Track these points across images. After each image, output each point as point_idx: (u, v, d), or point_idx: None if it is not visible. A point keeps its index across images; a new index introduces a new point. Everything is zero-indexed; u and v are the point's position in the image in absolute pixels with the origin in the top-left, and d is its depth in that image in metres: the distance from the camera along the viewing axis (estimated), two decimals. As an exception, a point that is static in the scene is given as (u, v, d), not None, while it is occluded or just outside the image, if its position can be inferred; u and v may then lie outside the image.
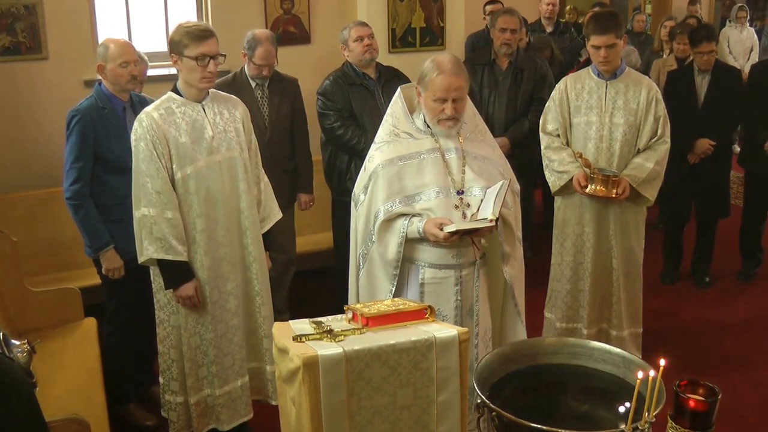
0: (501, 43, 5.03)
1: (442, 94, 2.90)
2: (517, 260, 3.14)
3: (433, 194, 2.94)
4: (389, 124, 3.09)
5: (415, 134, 3.03)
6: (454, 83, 2.90)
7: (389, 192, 2.94)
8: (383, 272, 3.02)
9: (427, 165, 2.97)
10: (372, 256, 3.04)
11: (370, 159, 3.06)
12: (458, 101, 2.94)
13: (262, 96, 4.49)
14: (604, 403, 2.36)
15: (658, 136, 3.97)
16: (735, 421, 3.78)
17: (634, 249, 4.12)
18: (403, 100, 3.10)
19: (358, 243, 3.11)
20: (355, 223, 3.13)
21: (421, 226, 2.88)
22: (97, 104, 3.63)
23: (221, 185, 3.26)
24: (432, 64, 2.95)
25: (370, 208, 3.00)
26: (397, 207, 2.93)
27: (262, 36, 4.39)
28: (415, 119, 3.07)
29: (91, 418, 2.80)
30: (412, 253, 2.99)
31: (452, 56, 3.00)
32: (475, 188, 2.97)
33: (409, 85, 3.19)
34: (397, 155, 2.98)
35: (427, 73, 2.95)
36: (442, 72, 2.90)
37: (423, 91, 2.98)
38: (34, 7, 4.78)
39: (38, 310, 3.96)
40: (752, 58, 8.98)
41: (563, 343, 2.54)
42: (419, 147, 3.00)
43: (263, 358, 3.50)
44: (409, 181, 2.95)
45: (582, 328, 4.18)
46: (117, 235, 3.61)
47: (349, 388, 2.06)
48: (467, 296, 3.04)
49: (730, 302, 5.29)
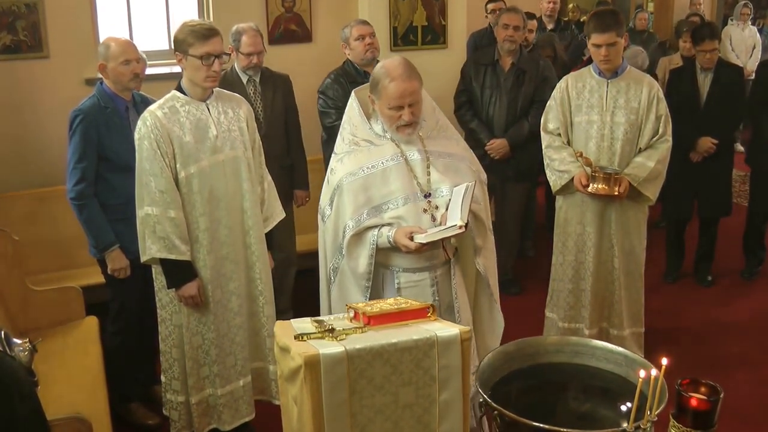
0: (504, 39, 5.04)
1: (397, 101, 2.81)
2: (489, 250, 3.09)
3: (400, 201, 2.87)
4: (347, 132, 3.00)
5: (375, 141, 2.95)
6: (408, 88, 2.80)
7: (356, 205, 2.87)
8: (355, 285, 2.95)
9: (391, 172, 2.88)
10: (343, 269, 2.97)
11: (332, 171, 2.97)
12: (414, 105, 2.84)
13: (254, 92, 4.49)
14: (606, 402, 2.37)
15: (660, 134, 3.96)
16: (737, 419, 3.78)
17: (635, 248, 4.12)
18: (358, 105, 3.01)
19: (327, 257, 3.04)
20: (323, 238, 3.05)
21: (392, 236, 2.82)
22: (100, 103, 3.63)
23: (225, 184, 3.25)
24: (382, 70, 2.85)
25: (337, 222, 2.93)
26: (365, 219, 2.86)
27: (245, 26, 4.43)
28: (373, 125, 2.98)
29: (92, 416, 2.81)
30: (385, 260, 2.94)
31: (402, 59, 2.88)
32: (442, 188, 2.91)
33: (363, 87, 3.08)
34: (359, 166, 2.90)
35: (378, 80, 2.84)
36: (394, 78, 2.79)
37: (377, 100, 2.88)
38: (35, 6, 4.77)
39: (40, 309, 3.97)
40: (754, 56, 8.98)
41: (565, 342, 2.55)
42: (381, 154, 2.91)
43: (266, 358, 3.49)
44: (375, 191, 2.87)
45: (584, 328, 4.17)
46: (122, 234, 3.61)
47: (351, 387, 2.06)
48: (444, 294, 3.01)
49: (732, 301, 5.29)
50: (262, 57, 4.47)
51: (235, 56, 4.46)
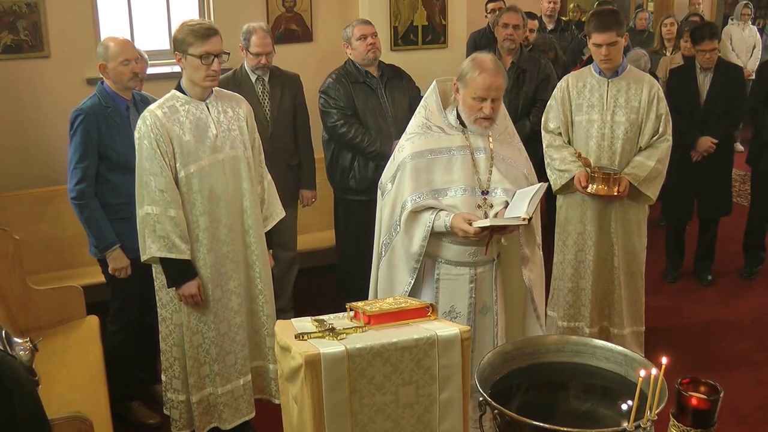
0: (504, 39, 5.05)
1: (483, 93, 2.93)
2: (536, 264, 3.16)
3: (459, 191, 2.97)
4: (422, 116, 3.11)
5: (447, 129, 3.06)
6: (495, 83, 2.93)
7: (417, 183, 2.97)
8: (405, 264, 3.04)
9: (456, 162, 3.00)
10: (394, 246, 3.06)
11: (399, 149, 3.08)
12: (496, 101, 2.97)
13: (263, 91, 4.50)
14: (607, 401, 2.37)
15: (660, 134, 3.96)
16: (737, 419, 3.78)
17: (636, 247, 4.12)
18: (437, 94, 3.12)
19: (381, 232, 3.13)
20: (380, 212, 3.14)
21: (449, 221, 2.90)
22: (101, 103, 3.63)
23: (224, 183, 3.26)
24: (473, 62, 2.97)
25: (396, 197, 3.02)
26: (425, 199, 2.95)
27: (255, 25, 4.45)
28: (448, 114, 3.10)
29: (93, 416, 2.81)
30: (430, 249, 3.01)
31: (492, 56, 3.03)
32: (498, 189, 3.01)
33: (445, 78, 3.20)
34: (428, 148, 3.01)
35: (468, 71, 2.97)
36: (484, 71, 2.92)
37: (462, 88, 3.00)
38: (36, 5, 4.77)
39: (40, 308, 3.97)
40: (755, 56, 8.98)
41: (565, 341, 2.55)
42: (450, 143, 3.03)
43: (266, 357, 3.50)
44: (438, 175, 2.99)
45: (584, 327, 4.18)
46: (123, 233, 3.61)
47: (351, 386, 2.06)
48: (482, 295, 3.06)
49: (732, 300, 5.29)
50: (271, 57, 4.49)
51: (244, 55, 4.47)
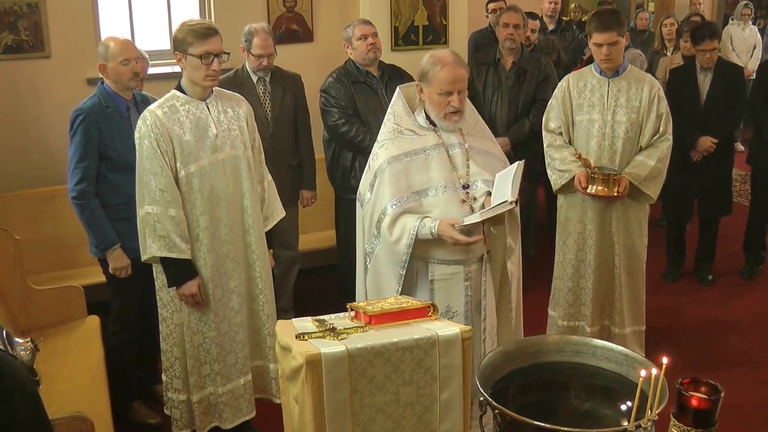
0: (504, 38, 5.06)
1: (448, 86, 2.93)
2: (516, 256, 3.18)
3: (440, 189, 2.97)
4: (391, 122, 3.11)
5: (418, 131, 3.06)
6: (459, 74, 2.94)
7: (396, 188, 2.96)
8: (390, 272, 3.02)
9: (432, 160, 3.00)
10: (377, 255, 3.04)
11: (374, 157, 3.07)
12: (462, 92, 2.98)
13: (264, 91, 4.50)
14: (607, 401, 2.37)
15: (660, 133, 3.96)
16: (737, 418, 3.78)
17: (636, 246, 4.12)
18: (403, 100, 3.13)
19: (364, 241, 3.12)
20: (361, 222, 3.13)
21: (434, 227, 2.88)
22: (101, 103, 3.63)
23: (225, 183, 3.26)
24: (432, 59, 2.97)
25: (375, 206, 3.01)
26: (405, 203, 2.94)
27: (257, 26, 4.45)
28: (417, 116, 3.10)
29: (94, 416, 2.81)
30: (421, 251, 2.99)
31: (450, 50, 3.05)
32: (479, 181, 3.01)
33: (408, 84, 3.22)
34: (403, 151, 3.00)
35: (428, 68, 2.97)
36: (446, 65, 2.93)
37: (426, 87, 2.99)
38: (36, 6, 4.77)
39: (41, 308, 3.97)
40: (755, 55, 8.98)
41: (566, 341, 2.55)
42: (423, 143, 3.03)
43: (267, 357, 3.50)
44: (416, 176, 2.98)
45: (585, 326, 4.18)
46: (123, 233, 3.61)
47: (352, 386, 2.06)
48: (476, 292, 3.05)
49: (733, 300, 5.29)
50: (272, 59, 4.49)
51: (245, 56, 4.47)
